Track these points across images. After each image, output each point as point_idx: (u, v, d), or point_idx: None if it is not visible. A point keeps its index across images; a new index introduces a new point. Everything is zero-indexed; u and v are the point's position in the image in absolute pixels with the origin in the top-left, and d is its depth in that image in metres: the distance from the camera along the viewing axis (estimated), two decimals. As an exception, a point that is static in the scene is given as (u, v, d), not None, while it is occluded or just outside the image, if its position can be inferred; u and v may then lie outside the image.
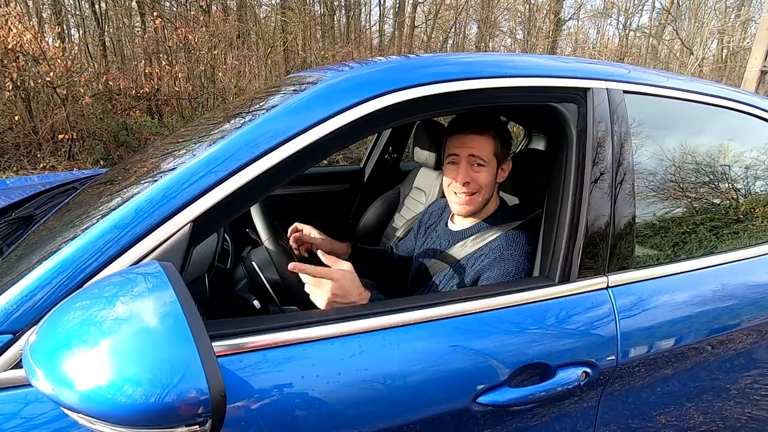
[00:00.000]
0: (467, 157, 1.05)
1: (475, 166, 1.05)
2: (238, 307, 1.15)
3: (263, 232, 1.11)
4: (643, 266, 0.97)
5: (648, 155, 1.02)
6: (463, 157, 1.05)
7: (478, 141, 1.04)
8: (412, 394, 0.72)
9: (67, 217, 0.84)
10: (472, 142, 1.04)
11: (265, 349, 0.67)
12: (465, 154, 1.05)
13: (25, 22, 5.07)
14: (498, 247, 1.02)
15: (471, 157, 1.05)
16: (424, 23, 13.17)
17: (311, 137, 0.73)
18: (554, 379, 0.82)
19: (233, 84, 6.38)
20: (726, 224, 1.14)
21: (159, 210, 0.66)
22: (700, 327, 0.96)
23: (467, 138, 1.05)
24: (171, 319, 0.51)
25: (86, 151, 5.05)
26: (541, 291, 0.86)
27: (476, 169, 1.05)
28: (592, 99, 0.92)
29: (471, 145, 1.04)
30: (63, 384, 0.49)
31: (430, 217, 1.31)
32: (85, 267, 0.62)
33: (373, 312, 0.75)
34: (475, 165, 1.05)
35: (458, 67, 0.86)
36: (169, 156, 0.89)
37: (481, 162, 1.05)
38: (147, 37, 6.91)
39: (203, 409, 0.50)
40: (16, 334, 0.58)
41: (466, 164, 1.05)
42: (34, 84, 4.86)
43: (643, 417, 0.96)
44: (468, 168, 1.05)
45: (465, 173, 1.04)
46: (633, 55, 13.99)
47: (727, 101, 1.13)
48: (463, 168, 1.05)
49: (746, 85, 5.14)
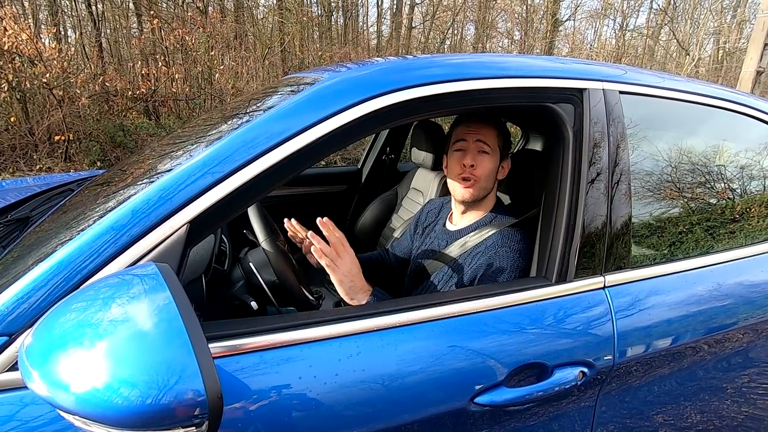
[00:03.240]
0: (475, 143, 1.09)
1: (481, 153, 1.09)
2: (236, 308, 1.15)
3: (260, 233, 1.11)
4: (639, 266, 0.97)
5: (644, 155, 1.02)
6: (470, 142, 1.10)
7: (485, 129, 1.09)
8: (409, 395, 0.72)
9: (64, 219, 0.84)
10: (480, 129, 1.09)
11: (262, 350, 0.67)
12: (473, 139, 1.10)
13: (21, 22, 5.05)
14: (493, 245, 1.03)
15: (478, 143, 1.09)
16: (422, 24, 13.19)
17: (308, 138, 0.73)
18: (551, 378, 0.82)
19: (230, 85, 6.37)
20: (722, 224, 1.14)
21: (156, 211, 0.66)
22: (696, 326, 0.97)
23: (475, 125, 1.10)
24: (167, 320, 0.51)
25: (83, 153, 5.03)
26: (538, 291, 0.86)
27: (482, 156, 1.09)
28: (589, 99, 0.92)
29: (479, 132, 1.09)
30: (58, 386, 0.48)
31: (427, 216, 1.32)
32: (81, 268, 0.61)
33: (370, 313, 0.75)
34: (482, 152, 1.09)
35: (455, 68, 0.86)
36: (165, 157, 0.89)
37: (487, 150, 1.09)
38: (144, 38, 6.90)
39: (200, 410, 0.50)
40: (12, 336, 0.58)
41: (474, 149, 1.09)
42: (30, 85, 4.84)
43: (641, 416, 0.96)
44: (475, 153, 1.09)
45: (472, 156, 1.09)
46: (630, 56, 14.04)
47: (722, 102, 1.13)
48: (471, 152, 1.09)
49: (742, 85, 5.16)
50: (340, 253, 0.87)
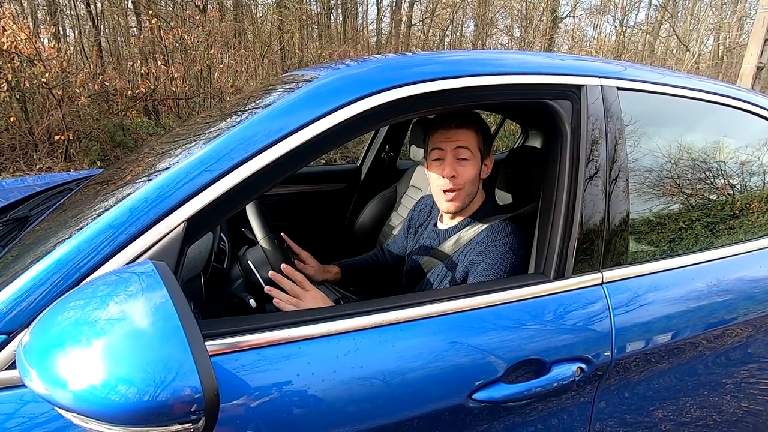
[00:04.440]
0: (453, 151, 1.05)
1: (461, 161, 1.06)
2: (234, 306, 1.16)
3: (259, 231, 1.11)
4: (637, 262, 0.97)
5: (644, 152, 1.02)
6: (448, 151, 1.06)
7: (463, 133, 1.05)
8: (407, 391, 0.72)
9: (62, 218, 0.84)
10: (457, 135, 1.05)
11: (261, 347, 0.67)
12: (450, 147, 1.05)
13: (19, 22, 5.04)
14: (484, 239, 1.02)
15: (456, 150, 1.05)
16: (421, 22, 13.16)
17: (305, 135, 0.73)
18: (549, 374, 0.82)
19: (230, 83, 6.36)
20: (721, 220, 1.14)
21: (153, 209, 0.66)
22: (695, 322, 0.97)
23: (451, 132, 1.05)
24: (163, 318, 0.51)
25: (83, 152, 5.03)
26: (536, 287, 0.87)
27: (461, 163, 1.06)
28: (586, 96, 0.92)
29: (456, 138, 1.05)
30: (56, 384, 0.49)
31: (419, 216, 1.32)
32: (79, 267, 0.62)
33: (368, 310, 0.75)
34: (461, 159, 1.05)
35: (451, 65, 0.86)
36: (163, 155, 0.89)
37: (466, 156, 1.05)
38: (143, 37, 6.89)
39: (196, 406, 0.50)
40: (10, 334, 0.58)
41: (452, 158, 1.05)
42: (29, 85, 4.84)
43: (639, 412, 0.96)
44: (454, 162, 1.05)
45: (451, 167, 1.05)
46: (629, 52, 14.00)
47: (722, 97, 1.13)
48: (449, 162, 1.05)
49: (742, 81, 5.14)
50: (305, 288, 0.92)
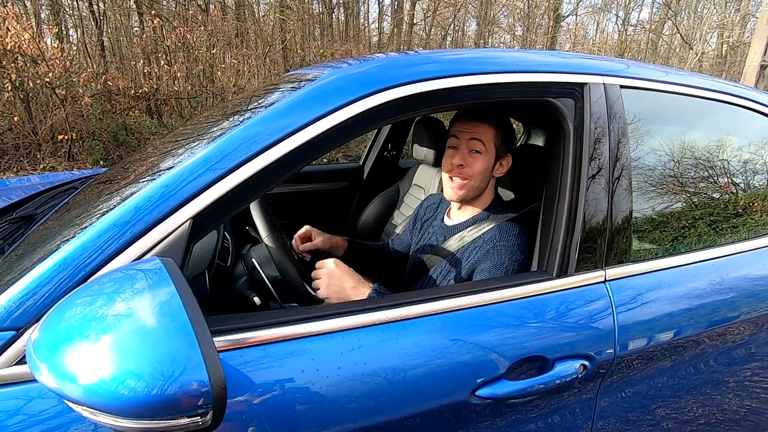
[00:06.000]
0: (467, 141, 1.08)
1: (473, 153, 1.08)
2: (239, 304, 1.16)
3: (263, 229, 1.12)
4: (640, 260, 0.97)
5: (646, 150, 1.02)
6: (463, 141, 1.08)
7: (480, 127, 1.08)
8: (411, 388, 0.73)
9: (68, 216, 0.85)
10: (474, 127, 1.08)
11: (265, 344, 0.67)
12: (465, 138, 1.08)
13: (23, 22, 5.06)
14: (491, 239, 1.03)
15: (470, 142, 1.07)
16: (423, 20, 13.14)
17: (309, 134, 0.74)
18: (552, 371, 0.82)
19: (232, 83, 6.37)
20: (724, 218, 1.14)
21: (158, 207, 0.66)
22: (698, 320, 0.97)
23: (469, 123, 1.08)
24: (171, 313, 0.52)
25: (86, 152, 5.05)
26: (539, 285, 0.87)
27: (473, 155, 1.08)
28: (589, 94, 0.92)
29: (473, 130, 1.08)
30: (66, 378, 0.49)
31: (426, 211, 1.32)
32: (85, 265, 0.62)
33: (372, 307, 0.76)
34: (473, 152, 1.08)
35: (453, 64, 0.86)
36: (167, 154, 0.89)
37: (479, 149, 1.07)
38: (145, 36, 6.91)
39: (204, 400, 0.50)
40: (19, 330, 0.59)
41: (465, 148, 1.08)
42: (33, 85, 4.86)
43: (642, 409, 0.96)
44: (466, 152, 1.08)
45: (462, 156, 1.08)
46: (632, 51, 13.95)
47: (725, 96, 1.13)
48: (461, 151, 1.08)
49: (746, 79, 5.13)
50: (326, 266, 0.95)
